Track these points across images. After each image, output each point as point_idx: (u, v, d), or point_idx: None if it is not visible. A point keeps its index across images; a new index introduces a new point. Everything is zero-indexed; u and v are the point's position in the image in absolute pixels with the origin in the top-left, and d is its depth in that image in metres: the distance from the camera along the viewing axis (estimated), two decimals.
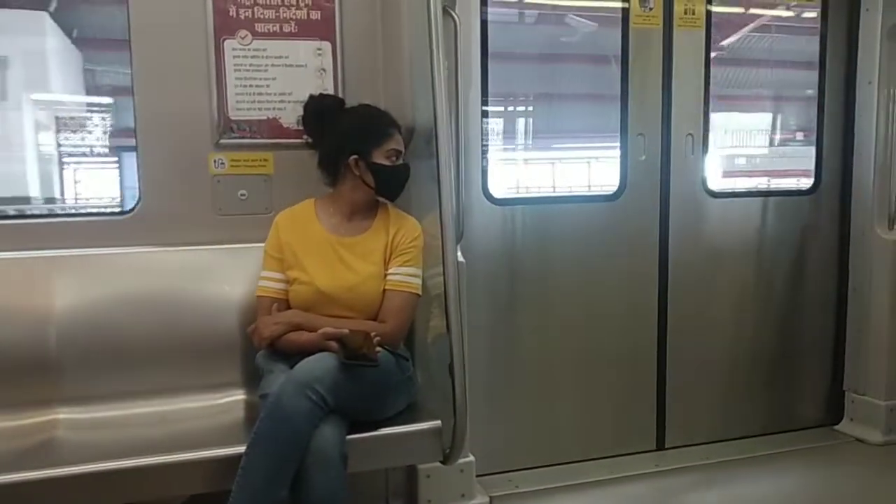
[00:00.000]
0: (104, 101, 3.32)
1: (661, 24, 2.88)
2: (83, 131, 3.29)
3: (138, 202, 2.32)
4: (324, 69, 2.40)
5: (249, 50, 2.34)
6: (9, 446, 1.90)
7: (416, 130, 2.27)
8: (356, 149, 2.12)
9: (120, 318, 2.18)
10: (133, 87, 2.27)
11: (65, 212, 3.59)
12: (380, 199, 2.22)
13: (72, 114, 3.31)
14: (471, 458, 2.44)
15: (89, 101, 3.35)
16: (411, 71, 2.24)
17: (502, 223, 2.79)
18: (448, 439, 1.99)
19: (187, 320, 2.23)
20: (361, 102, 2.26)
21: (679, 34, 2.90)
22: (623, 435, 3.00)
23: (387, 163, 2.13)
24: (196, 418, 2.12)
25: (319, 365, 1.84)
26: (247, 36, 2.33)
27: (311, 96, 2.26)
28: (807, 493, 2.76)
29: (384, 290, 2.12)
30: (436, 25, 1.91)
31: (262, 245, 2.19)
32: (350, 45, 2.41)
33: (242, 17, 2.32)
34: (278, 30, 2.35)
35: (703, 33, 2.94)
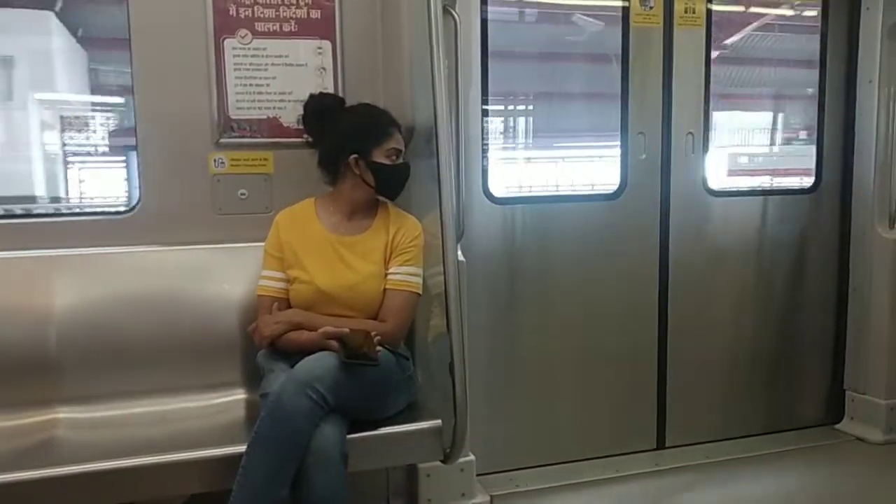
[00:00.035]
0: (110, 100, 3.32)
1: (662, 23, 2.88)
2: (88, 130, 3.29)
3: (138, 201, 2.32)
4: (324, 68, 2.40)
5: (249, 49, 2.34)
6: (9, 445, 1.89)
7: (417, 129, 2.26)
8: (356, 148, 2.12)
9: (120, 318, 2.18)
10: (133, 87, 2.27)
11: (64, 211, 3.59)
12: (380, 198, 2.22)
13: (77, 113, 3.31)
14: (471, 457, 2.44)
15: (94, 100, 3.35)
16: (411, 70, 2.24)
17: (502, 222, 2.79)
18: (448, 438, 1.99)
19: (187, 320, 2.23)
20: (361, 101, 2.26)
21: (679, 33, 2.90)
22: (623, 434, 3.00)
23: (387, 162, 2.13)
24: (196, 418, 2.12)
25: (320, 364, 1.84)
26: (247, 35, 2.33)
27: (312, 95, 2.26)
28: (807, 492, 2.76)
29: (384, 290, 2.11)
30: (436, 24, 1.91)
31: (262, 244, 2.19)
32: (350, 44, 2.41)
33: (242, 16, 2.32)
34: (278, 29, 2.35)
35: (704, 32, 2.94)
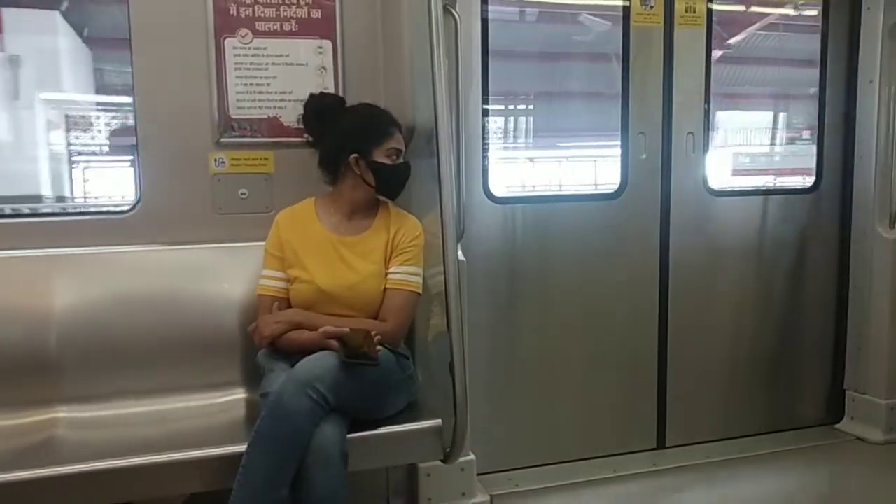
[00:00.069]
0: (115, 99, 3.32)
1: (662, 23, 2.88)
2: (93, 130, 3.29)
3: (138, 201, 2.31)
4: (324, 68, 2.39)
5: (250, 49, 2.34)
6: (9, 445, 1.89)
7: (417, 129, 2.26)
8: (357, 147, 2.12)
9: (120, 317, 2.17)
10: (133, 86, 2.27)
11: (65, 211, 3.59)
12: (380, 197, 2.22)
13: (82, 112, 3.31)
14: (471, 456, 2.44)
15: (100, 99, 3.35)
16: (412, 69, 2.23)
17: (503, 222, 2.79)
18: (448, 438, 1.99)
19: (187, 319, 2.22)
20: (362, 101, 2.25)
21: (680, 32, 2.90)
22: (623, 433, 3.00)
23: (387, 161, 2.13)
24: (196, 417, 2.12)
25: (320, 364, 1.84)
26: (247, 35, 2.33)
27: (312, 95, 2.26)
28: (807, 492, 2.76)
29: (385, 289, 2.11)
30: (436, 23, 1.90)
31: (262, 244, 2.19)
32: (351, 44, 2.40)
33: (243, 15, 2.32)
34: (279, 28, 2.35)
35: (704, 32, 2.93)
